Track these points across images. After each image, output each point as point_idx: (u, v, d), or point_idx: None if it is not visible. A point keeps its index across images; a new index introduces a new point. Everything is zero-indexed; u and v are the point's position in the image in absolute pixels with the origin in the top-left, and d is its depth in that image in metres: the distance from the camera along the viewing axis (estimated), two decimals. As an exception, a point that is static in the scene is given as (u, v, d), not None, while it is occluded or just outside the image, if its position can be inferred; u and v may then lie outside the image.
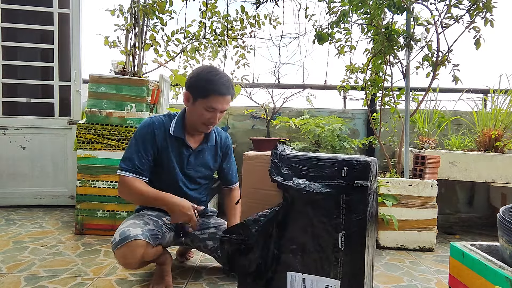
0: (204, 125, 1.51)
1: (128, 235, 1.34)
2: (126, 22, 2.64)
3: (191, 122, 1.54)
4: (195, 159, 1.61)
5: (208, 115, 1.46)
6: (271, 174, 1.17)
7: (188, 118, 1.55)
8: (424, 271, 1.90)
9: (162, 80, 2.63)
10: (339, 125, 2.68)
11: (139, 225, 1.41)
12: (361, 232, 1.08)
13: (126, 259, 1.36)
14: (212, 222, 1.71)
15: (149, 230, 1.42)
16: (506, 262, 1.13)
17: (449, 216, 3.18)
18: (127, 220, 1.48)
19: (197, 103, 1.46)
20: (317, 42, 2.42)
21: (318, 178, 1.12)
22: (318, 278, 1.12)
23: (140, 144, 1.50)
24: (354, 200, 1.08)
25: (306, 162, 1.15)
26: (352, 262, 1.09)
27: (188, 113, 1.54)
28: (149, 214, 1.54)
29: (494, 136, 2.65)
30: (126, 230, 1.36)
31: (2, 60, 2.96)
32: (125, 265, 1.41)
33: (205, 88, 1.43)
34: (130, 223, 1.42)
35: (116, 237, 1.36)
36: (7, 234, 2.25)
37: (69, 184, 3.04)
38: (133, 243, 1.34)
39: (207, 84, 1.43)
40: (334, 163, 1.11)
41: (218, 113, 1.48)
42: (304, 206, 1.13)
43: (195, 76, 1.47)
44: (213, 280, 1.67)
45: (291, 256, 1.15)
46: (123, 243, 1.33)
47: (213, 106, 1.44)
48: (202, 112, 1.46)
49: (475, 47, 2.16)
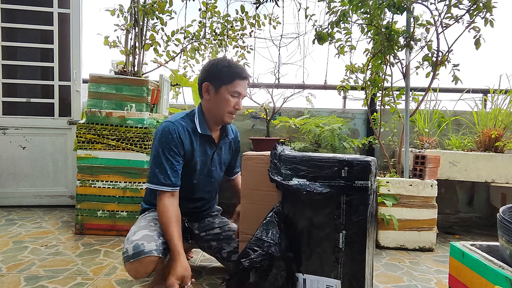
0: (229, 114, 1.49)
1: (142, 250, 1.26)
2: (126, 22, 2.64)
3: (214, 115, 1.51)
4: (217, 155, 1.61)
5: (233, 102, 1.46)
6: (270, 174, 1.17)
7: (211, 111, 1.51)
8: (424, 271, 1.90)
9: (162, 80, 2.63)
10: (339, 125, 2.68)
11: (153, 238, 1.34)
12: (361, 232, 1.08)
13: (138, 273, 1.32)
14: (217, 222, 1.71)
15: (162, 243, 1.35)
16: (506, 262, 1.13)
17: (449, 216, 3.18)
18: (138, 230, 1.39)
19: (221, 90, 1.45)
20: (317, 42, 2.42)
21: (318, 178, 1.11)
22: (319, 278, 1.12)
23: (167, 154, 1.42)
24: (354, 200, 1.08)
25: (306, 162, 1.15)
26: (352, 262, 1.09)
27: (211, 105, 1.50)
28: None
29: (494, 136, 2.65)
30: (140, 244, 1.28)
31: (2, 60, 2.96)
32: (135, 277, 1.37)
33: (229, 73, 1.44)
34: (143, 235, 1.34)
35: (129, 250, 1.28)
36: (7, 234, 2.25)
37: (69, 184, 3.04)
38: (146, 259, 1.27)
39: (230, 69, 1.44)
40: (335, 163, 1.11)
41: (240, 99, 1.49)
42: (304, 207, 1.13)
43: (214, 66, 1.47)
44: (213, 280, 1.66)
45: (292, 256, 1.14)
46: (137, 258, 1.26)
47: (238, 90, 1.45)
48: (228, 98, 1.45)
49: (475, 47, 2.16)
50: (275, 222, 1.14)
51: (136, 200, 2.29)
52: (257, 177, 1.23)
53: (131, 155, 2.29)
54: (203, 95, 1.51)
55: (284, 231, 1.15)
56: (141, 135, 2.30)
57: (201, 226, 1.69)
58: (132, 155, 2.29)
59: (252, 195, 1.25)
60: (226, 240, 1.62)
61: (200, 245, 1.69)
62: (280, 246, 1.11)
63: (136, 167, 2.29)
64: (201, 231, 1.68)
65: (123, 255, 1.31)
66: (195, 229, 1.68)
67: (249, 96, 3.10)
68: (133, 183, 2.30)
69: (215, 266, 1.83)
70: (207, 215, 1.74)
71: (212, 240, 1.64)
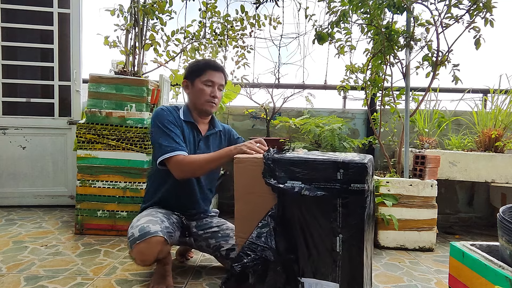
0: (208, 103, 1.60)
1: (148, 231, 1.34)
2: (126, 22, 2.63)
3: (196, 105, 1.62)
4: (204, 144, 1.66)
5: (208, 90, 1.58)
6: (264, 177, 1.13)
7: (193, 103, 1.64)
8: (424, 271, 1.90)
9: (162, 80, 2.63)
10: (339, 125, 2.68)
11: (157, 221, 1.42)
12: (359, 235, 1.04)
13: (144, 255, 1.37)
14: (214, 221, 1.73)
15: (166, 227, 1.43)
16: (506, 262, 1.12)
17: (449, 216, 3.18)
18: (140, 218, 1.47)
19: (195, 83, 1.60)
20: (317, 42, 2.42)
21: (313, 181, 1.07)
22: (317, 282, 1.10)
23: (167, 125, 1.51)
24: (351, 204, 1.04)
25: (301, 164, 1.10)
26: (350, 265, 1.06)
27: (191, 99, 1.64)
28: (160, 211, 1.55)
29: (494, 136, 2.65)
30: (145, 226, 1.36)
31: (2, 60, 2.96)
32: (141, 261, 1.40)
33: (199, 67, 1.60)
34: (147, 220, 1.42)
35: (135, 233, 1.35)
36: (7, 234, 2.25)
37: (69, 184, 3.04)
38: (153, 239, 1.34)
39: (200, 64, 1.62)
40: (329, 165, 1.06)
41: (216, 87, 1.60)
42: (300, 210, 1.09)
43: (190, 65, 1.66)
44: (213, 280, 1.66)
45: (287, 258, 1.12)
46: (143, 239, 1.33)
47: (210, 79, 1.58)
48: (202, 88, 1.58)
49: (475, 47, 2.16)
50: (270, 225, 1.11)
51: (136, 200, 2.29)
52: (250, 180, 1.19)
53: (131, 155, 2.29)
54: (185, 91, 1.66)
55: (279, 234, 1.11)
56: (141, 135, 2.30)
57: (198, 225, 1.71)
58: (132, 155, 2.29)
59: (246, 198, 1.21)
60: (225, 238, 1.63)
61: (198, 244, 1.69)
62: (275, 250, 1.09)
63: (136, 167, 2.29)
64: (199, 229, 1.69)
65: (128, 239, 1.37)
66: (192, 227, 1.69)
67: (249, 96, 3.10)
68: (133, 183, 2.30)
69: (215, 266, 1.83)
70: (205, 216, 1.75)
71: (210, 238, 1.65)
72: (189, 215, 1.70)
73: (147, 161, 2.30)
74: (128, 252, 1.50)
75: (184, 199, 1.64)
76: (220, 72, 1.62)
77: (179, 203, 1.64)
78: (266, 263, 1.08)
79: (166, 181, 1.58)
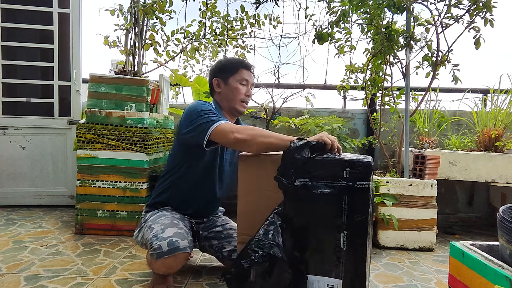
0: (242, 103, 1.57)
1: (177, 247, 1.32)
2: (126, 22, 2.64)
3: (228, 105, 1.57)
4: (228, 153, 1.65)
5: (243, 89, 1.55)
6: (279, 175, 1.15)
7: (226, 101, 1.57)
8: (424, 270, 1.90)
9: (162, 79, 2.63)
10: (339, 125, 2.68)
11: (184, 235, 1.39)
12: (363, 232, 1.08)
13: (170, 268, 1.38)
14: (219, 220, 1.73)
15: (191, 241, 1.43)
16: (506, 262, 1.13)
17: (449, 216, 3.18)
18: (164, 225, 1.42)
19: (230, 81, 1.55)
20: (317, 42, 2.42)
21: (320, 178, 1.11)
22: (320, 278, 1.12)
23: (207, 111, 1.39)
24: (356, 201, 1.08)
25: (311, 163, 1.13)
26: (354, 262, 1.09)
27: (223, 97, 1.58)
28: (176, 217, 1.53)
29: (494, 136, 2.65)
30: (174, 241, 1.33)
31: (2, 60, 2.96)
32: (164, 272, 1.42)
33: (233, 65, 1.56)
34: (175, 232, 1.38)
35: (163, 246, 1.32)
36: (7, 234, 2.25)
37: (69, 184, 3.04)
38: (181, 255, 1.34)
39: (233, 62, 1.58)
40: (337, 164, 1.11)
41: (250, 86, 1.58)
42: (306, 206, 1.12)
43: (219, 63, 1.60)
44: (213, 280, 1.66)
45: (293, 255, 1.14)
46: (173, 254, 1.32)
47: (245, 78, 1.55)
48: (237, 86, 1.54)
49: (475, 47, 2.16)
50: (277, 223, 1.14)
51: (136, 200, 2.29)
52: (254, 177, 1.22)
53: (131, 155, 2.29)
54: (215, 89, 1.59)
55: (286, 232, 1.14)
56: (141, 135, 2.30)
57: (204, 226, 1.70)
58: (132, 155, 2.29)
59: (250, 196, 1.23)
60: (227, 238, 1.63)
61: (201, 245, 1.69)
62: (282, 247, 1.11)
63: (136, 167, 2.29)
64: (204, 230, 1.69)
65: (155, 251, 1.33)
66: (199, 230, 1.69)
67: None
68: (133, 183, 2.30)
69: (215, 266, 1.83)
70: (212, 216, 1.76)
71: (213, 239, 1.65)
72: (199, 222, 1.69)
73: (147, 161, 2.30)
74: (148, 261, 1.50)
75: (201, 201, 1.62)
76: (251, 72, 1.60)
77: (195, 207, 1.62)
78: (273, 259, 1.10)
79: (186, 180, 1.56)
